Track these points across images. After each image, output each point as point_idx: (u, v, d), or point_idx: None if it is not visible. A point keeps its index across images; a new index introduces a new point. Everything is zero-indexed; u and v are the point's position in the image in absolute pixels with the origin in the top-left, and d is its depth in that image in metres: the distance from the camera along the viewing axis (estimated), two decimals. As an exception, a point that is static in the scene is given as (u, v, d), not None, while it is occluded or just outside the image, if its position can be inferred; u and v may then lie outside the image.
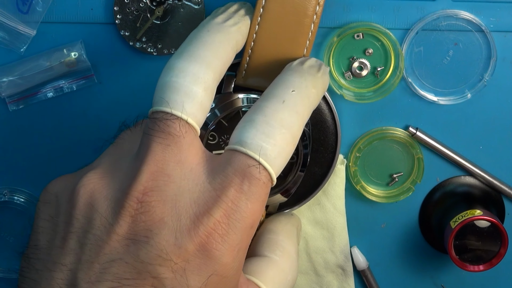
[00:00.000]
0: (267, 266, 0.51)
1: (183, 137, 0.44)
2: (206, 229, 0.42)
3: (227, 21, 0.50)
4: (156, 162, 0.43)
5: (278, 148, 0.45)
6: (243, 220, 0.43)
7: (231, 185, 0.43)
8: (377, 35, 0.62)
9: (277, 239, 0.53)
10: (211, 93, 0.47)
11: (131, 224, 0.42)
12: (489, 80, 0.63)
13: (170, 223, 0.42)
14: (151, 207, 0.42)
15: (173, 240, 0.42)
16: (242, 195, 0.43)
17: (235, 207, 0.43)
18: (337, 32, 0.62)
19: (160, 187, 0.43)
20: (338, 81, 0.63)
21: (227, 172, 0.44)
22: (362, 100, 0.63)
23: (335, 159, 0.61)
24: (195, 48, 0.47)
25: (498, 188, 0.65)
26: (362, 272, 0.67)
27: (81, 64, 0.62)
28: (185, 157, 0.44)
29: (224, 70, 0.48)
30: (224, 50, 0.48)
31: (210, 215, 0.42)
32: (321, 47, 0.63)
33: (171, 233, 0.42)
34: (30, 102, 0.63)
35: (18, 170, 0.64)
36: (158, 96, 0.45)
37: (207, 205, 0.43)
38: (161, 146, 0.44)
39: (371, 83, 0.63)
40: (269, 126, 0.45)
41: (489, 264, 0.62)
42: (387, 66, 0.63)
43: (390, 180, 0.65)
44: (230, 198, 0.43)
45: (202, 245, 0.42)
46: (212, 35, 0.48)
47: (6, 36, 0.61)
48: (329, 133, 0.61)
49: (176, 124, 0.44)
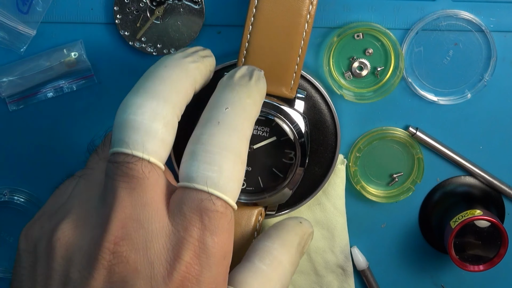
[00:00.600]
0: (253, 275, 0.49)
1: (147, 178, 0.43)
2: (179, 274, 0.42)
3: (186, 58, 0.49)
4: (124, 208, 0.43)
5: (225, 173, 0.44)
6: (214, 256, 0.43)
7: (192, 224, 0.43)
8: (377, 35, 0.62)
9: (270, 247, 0.52)
10: (172, 129, 0.45)
11: (106, 277, 0.42)
12: (489, 80, 0.63)
13: (144, 272, 0.42)
14: (123, 257, 0.42)
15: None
16: (206, 231, 0.43)
17: (202, 245, 0.43)
18: (337, 32, 0.62)
19: (131, 235, 0.42)
20: (338, 81, 0.63)
21: (184, 212, 0.43)
22: (362, 100, 0.63)
23: (335, 159, 0.61)
24: (152, 83, 0.46)
25: (498, 188, 0.65)
26: (362, 272, 0.67)
27: (81, 64, 0.62)
28: (150, 198, 0.43)
29: (183, 106, 0.47)
30: (183, 86, 0.47)
31: (180, 259, 0.42)
32: (321, 47, 0.63)
33: (146, 282, 0.42)
34: (30, 102, 0.63)
35: (18, 170, 0.64)
36: (117, 136, 0.44)
37: (176, 250, 0.42)
38: (126, 190, 0.43)
39: (371, 83, 0.63)
40: (209, 153, 0.44)
41: (489, 264, 0.62)
42: (387, 66, 0.63)
43: (390, 180, 0.65)
44: (195, 238, 0.42)
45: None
46: (169, 70, 0.47)
47: (6, 36, 0.61)
48: (328, 133, 0.61)
49: (138, 166, 0.43)
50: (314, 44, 0.63)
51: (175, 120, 0.46)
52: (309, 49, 0.63)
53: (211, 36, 0.63)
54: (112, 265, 0.42)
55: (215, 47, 0.63)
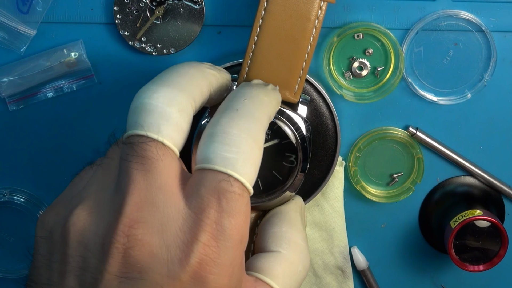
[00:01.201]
0: (275, 261, 0.50)
1: (161, 160, 0.43)
2: (197, 256, 0.42)
3: (203, 64, 0.50)
4: (139, 191, 0.43)
5: (243, 155, 0.44)
6: (231, 238, 0.43)
7: (209, 206, 0.43)
8: (377, 35, 0.62)
9: (280, 232, 0.52)
10: (187, 116, 0.46)
11: (121, 261, 0.42)
12: (489, 80, 0.63)
13: (160, 255, 0.42)
14: (138, 240, 0.42)
15: (166, 272, 0.41)
16: (223, 213, 0.43)
17: (220, 227, 0.42)
18: (337, 32, 0.62)
19: (146, 218, 0.42)
20: (338, 81, 0.63)
21: (202, 194, 0.43)
22: (362, 100, 0.63)
23: (334, 161, 0.61)
24: (169, 76, 0.47)
25: (498, 188, 0.65)
26: (362, 272, 0.67)
27: (81, 64, 0.62)
28: (165, 181, 0.43)
29: (199, 100, 0.48)
30: (198, 83, 0.47)
31: (198, 241, 0.42)
32: (321, 47, 0.63)
33: (162, 265, 0.41)
34: (30, 102, 0.63)
35: (18, 170, 0.64)
36: (132, 119, 0.45)
37: (193, 231, 0.42)
38: (141, 173, 0.43)
39: (371, 83, 0.63)
40: (228, 134, 0.44)
41: (489, 264, 0.62)
42: (387, 66, 0.63)
43: (390, 180, 0.65)
44: (213, 220, 0.42)
45: (196, 273, 0.42)
46: (186, 68, 0.48)
47: (6, 36, 0.61)
48: (329, 136, 0.61)
49: (152, 147, 0.43)
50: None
51: (190, 109, 0.46)
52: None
53: (211, 36, 0.63)
54: (127, 248, 0.41)
55: (215, 47, 0.63)
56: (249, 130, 0.45)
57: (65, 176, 0.65)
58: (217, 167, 0.43)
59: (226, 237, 0.42)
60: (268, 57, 0.55)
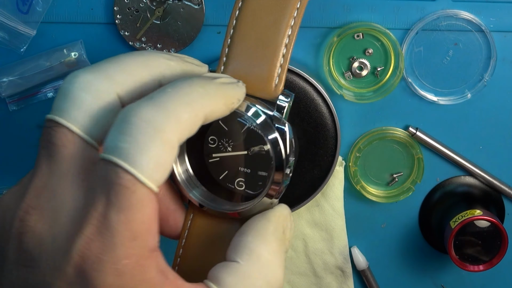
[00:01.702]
0: (229, 271, 0.45)
1: (65, 146, 0.41)
2: (79, 250, 0.39)
3: (159, 53, 0.46)
4: (41, 177, 0.41)
5: (138, 146, 0.40)
6: (119, 234, 0.39)
7: (98, 198, 0.39)
8: (377, 35, 0.62)
9: (244, 241, 0.47)
10: (107, 104, 0.42)
11: (16, 246, 0.40)
12: (489, 80, 0.63)
13: (47, 245, 0.40)
14: (30, 226, 0.40)
15: (53, 263, 0.39)
16: (111, 207, 0.39)
17: (106, 221, 0.39)
18: (337, 32, 0.62)
19: (42, 205, 0.40)
20: (338, 81, 0.63)
21: (94, 184, 0.40)
22: (362, 100, 0.63)
23: (334, 161, 0.61)
24: (101, 63, 0.43)
25: (498, 188, 0.65)
26: (362, 272, 0.67)
27: (81, 64, 0.62)
28: (67, 169, 0.41)
29: (132, 89, 0.43)
30: (135, 71, 0.44)
31: (81, 234, 0.39)
32: (321, 47, 0.63)
33: (49, 256, 0.39)
34: (30, 102, 0.63)
35: (18, 170, 0.64)
36: (52, 105, 0.43)
37: (79, 223, 0.40)
38: (45, 158, 0.41)
39: (371, 83, 0.63)
40: (127, 123, 0.40)
41: (489, 264, 0.62)
42: (387, 66, 0.63)
43: (390, 180, 0.65)
44: (100, 212, 0.39)
45: (79, 267, 0.39)
46: (127, 56, 0.44)
47: (6, 36, 0.61)
48: (329, 136, 0.61)
49: (58, 132, 0.41)
50: (314, 44, 0.63)
51: (114, 97, 0.43)
52: (309, 49, 0.63)
53: (211, 36, 0.62)
54: (20, 233, 0.40)
55: (215, 47, 0.63)
56: (153, 121, 0.40)
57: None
58: (107, 155, 0.40)
59: (113, 233, 0.39)
60: (246, 46, 0.49)
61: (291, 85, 0.60)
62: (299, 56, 0.64)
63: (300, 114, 0.61)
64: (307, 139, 0.61)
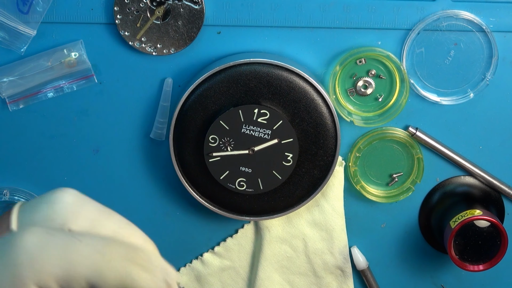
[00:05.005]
0: None
1: None
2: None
3: None
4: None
5: None
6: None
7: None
8: (380, 58, 0.62)
9: None
10: None
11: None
12: (491, 79, 0.63)
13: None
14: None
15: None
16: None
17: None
18: (339, 60, 0.62)
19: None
20: (346, 107, 0.63)
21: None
22: (372, 124, 0.63)
23: (334, 161, 0.61)
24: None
25: (498, 188, 0.65)
26: (362, 272, 0.67)
27: (81, 64, 0.62)
28: None
29: None
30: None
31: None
32: (325, 78, 0.63)
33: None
34: (30, 102, 0.63)
35: (18, 170, 0.65)
36: None
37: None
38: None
39: (378, 106, 0.63)
40: None
41: (489, 264, 0.62)
42: (393, 87, 0.63)
43: (390, 180, 0.65)
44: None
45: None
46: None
47: (6, 36, 0.61)
48: (329, 137, 0.61)
49: None
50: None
51: None
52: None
53: (211, 36, 0.62)
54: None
55: (215, 47, 0.63)
56: None
57: (65, 176, 0.65)
58: None
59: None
60: None
61: (291, 85, 0.60)
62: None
63: (300, 114, 0.61)
64: (307, 139, 0.61)
